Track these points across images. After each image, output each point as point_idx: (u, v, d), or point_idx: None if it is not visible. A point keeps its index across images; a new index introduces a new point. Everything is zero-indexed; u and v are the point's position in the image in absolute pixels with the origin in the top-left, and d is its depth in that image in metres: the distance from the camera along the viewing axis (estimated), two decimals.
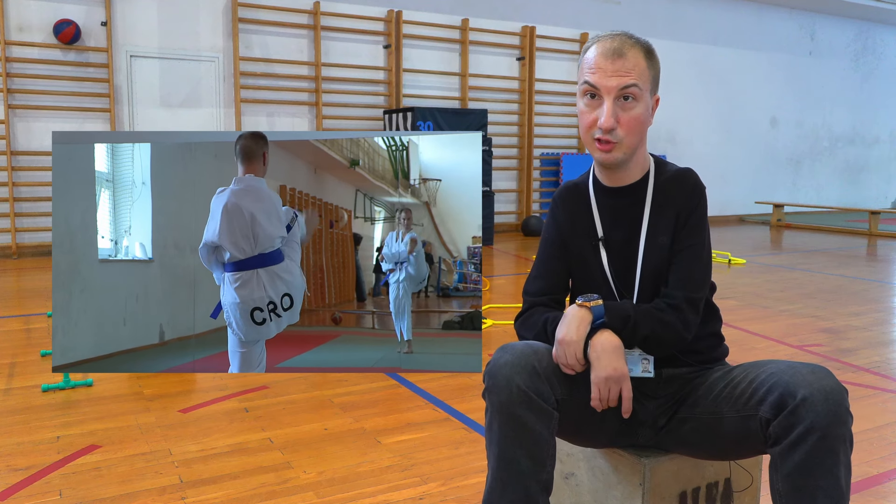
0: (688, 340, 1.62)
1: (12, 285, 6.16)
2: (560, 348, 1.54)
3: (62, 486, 2.34)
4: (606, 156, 1.60)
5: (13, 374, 3.55)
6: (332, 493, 2.30)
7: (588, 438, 1.66)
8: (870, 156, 15.10)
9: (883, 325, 4.74)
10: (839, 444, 1.35)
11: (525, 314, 1.74)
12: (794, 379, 1.41)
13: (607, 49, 1.57)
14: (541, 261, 1.79)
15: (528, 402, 1.43)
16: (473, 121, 9.21)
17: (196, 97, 8.51)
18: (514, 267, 7.39)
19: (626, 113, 1.57)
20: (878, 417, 2.99)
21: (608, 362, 1.53)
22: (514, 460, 1.44)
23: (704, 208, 1.66)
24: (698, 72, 12.31)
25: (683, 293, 1.61)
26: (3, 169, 7.59)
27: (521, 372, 1.45)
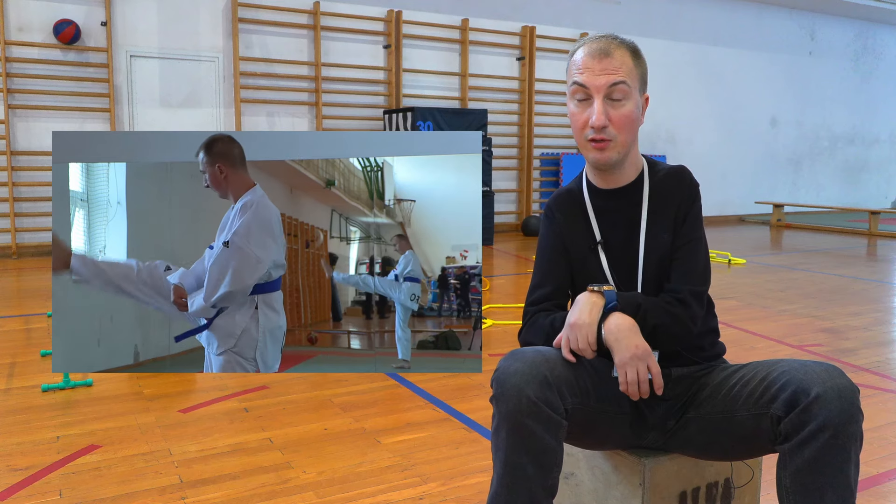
0: (694, 333, 1.62)
1: (12, 285, 6.16)
2: (572, 332, 1.52)
3: (62, 486, 2.34)
4: (601, 155, 1.60)
5: (13, 374, 3.55)
6: (332, 493, 2.30)
7: (596, 443, 1.64)
8: (870, 156, 15.10)
9: (883, 325, 4.74)
10: (851, 443, 1.35)
11: (528, 322, 1.71)
12: (807, 377, 1.41)
13: (594, 49, 1.58)
14: (541, 269, 1.76)
15: (537, 413, 1.41)
16: (473, 121, 9.21)
17: (196, 97, 8.51)
18: (514, 267, 7.39)
19: (617, 111, 1.57)
20: (878, 417, 2.99)
21: (629, 342, 1.51)
22: (520, 466, 1.42)
23: (700, 204, 1.68)
24: (698, 72, 12.31)
25: (688, 287, 1.61)
26: (3, 169, 7.60)
27: (531, 382, 1.42)
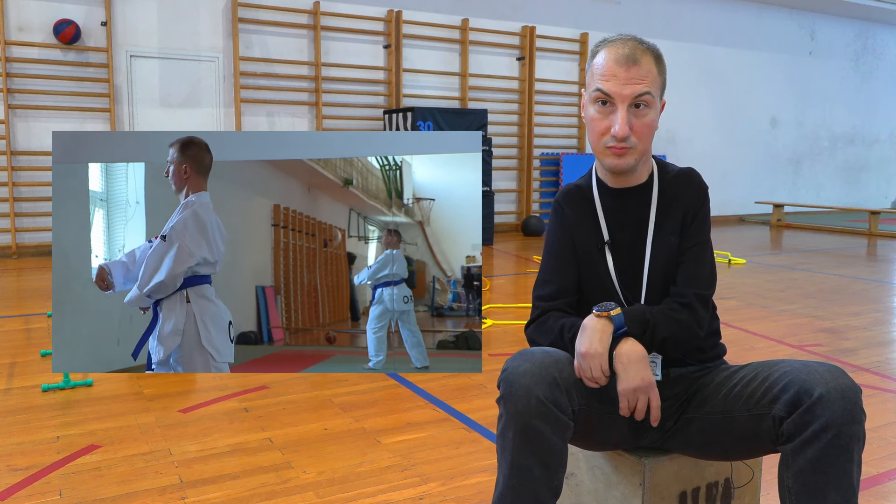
0: (701, 337, 1.61)
1: (12, 285, 6.16)
2: (585, 362, 1.51)
3: (62, 486, 2.34)
4: (619, 161, 1.58)
5: (13, 374, 3.55)
6: (332, 493, 2.30)
7: (597, 444, 1.65)
8: (870, 156, 15.10)
9: (883, 325, 4.74)
10: (853, 443, 1.35)
11: (538, 320, 1.69)
12: (810, 377, 1.40)
13: (620, 56, 1.54)
14: (549, 264, 1.74)
15: (545, 414, 1.40)
16: (473, 121, 9.21)
17: (196, 97, 8.51)
18: (514, 267, 7.39)
19: (640, 120, 1.55)
20: (878, 417, 2.99)
21: (636, 373, 1.51)
22: (526, 468, 1.42)
23: (708, 207, 1.67)
24: (698, 72, 12.31)
25: (694, 290, 1.60)
26: (3, 169, 7.60)
27: (540, 383, 1.42)
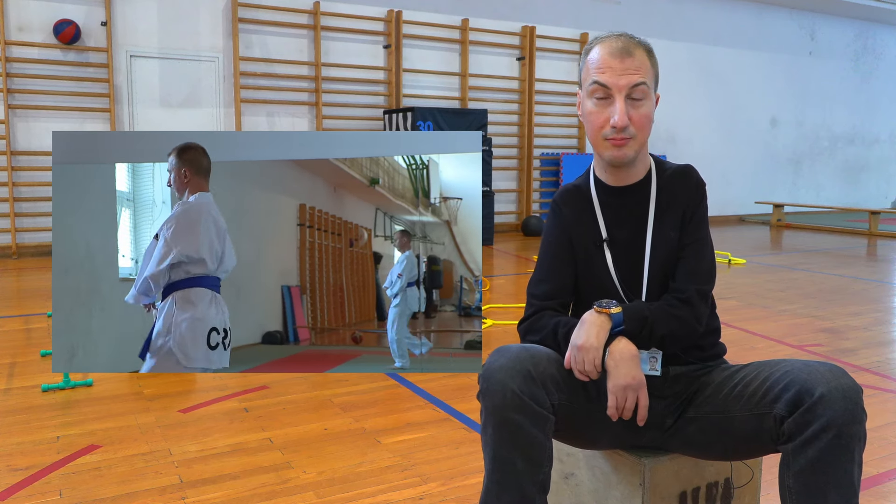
0: (699, 332, 1.62)
1: (12, 285, 6.16)
2: (579, 354, 1.52)
3: (62, 486, 2.34)
4: (619, 152, 1.59)
5: (13, 374, 3.55)
6: (332, 493, 2.30)
7: (590, 441, 1.65)
8: (870, 156, 15.10)
9: (883, 325, 4.74)
10: (854, 443, 1.35)
11: (531, 318, 1.69)
12: (811, 377, 1.40)
13: (614, 48, 1.56)
14: (545, 263, 1.74)
15: (521, 407, 1.42)
16: (473, 121, 9.21)
17: (196, 97, 8.51)
18: (514, 267, 7.39)
19: (637, 111, 1.57)
20: (878, 417, 2.99)
21: (626, 371, 1.52)
22: (509, 461, 1.42)
23: (707, 203, 1.68)
24: (698, 72, 12.31)
25: (693, 286, 1.61)
26: (3, 169, 7.60)
27: (515, 376, 1.43)
